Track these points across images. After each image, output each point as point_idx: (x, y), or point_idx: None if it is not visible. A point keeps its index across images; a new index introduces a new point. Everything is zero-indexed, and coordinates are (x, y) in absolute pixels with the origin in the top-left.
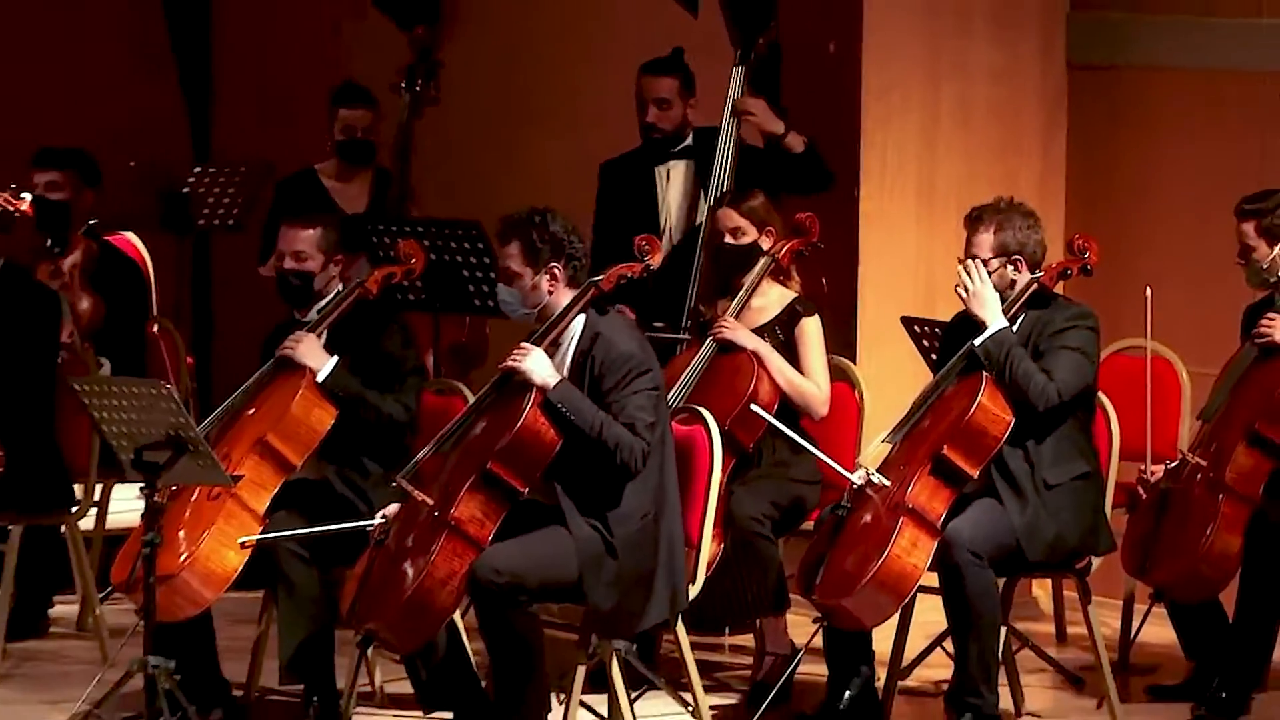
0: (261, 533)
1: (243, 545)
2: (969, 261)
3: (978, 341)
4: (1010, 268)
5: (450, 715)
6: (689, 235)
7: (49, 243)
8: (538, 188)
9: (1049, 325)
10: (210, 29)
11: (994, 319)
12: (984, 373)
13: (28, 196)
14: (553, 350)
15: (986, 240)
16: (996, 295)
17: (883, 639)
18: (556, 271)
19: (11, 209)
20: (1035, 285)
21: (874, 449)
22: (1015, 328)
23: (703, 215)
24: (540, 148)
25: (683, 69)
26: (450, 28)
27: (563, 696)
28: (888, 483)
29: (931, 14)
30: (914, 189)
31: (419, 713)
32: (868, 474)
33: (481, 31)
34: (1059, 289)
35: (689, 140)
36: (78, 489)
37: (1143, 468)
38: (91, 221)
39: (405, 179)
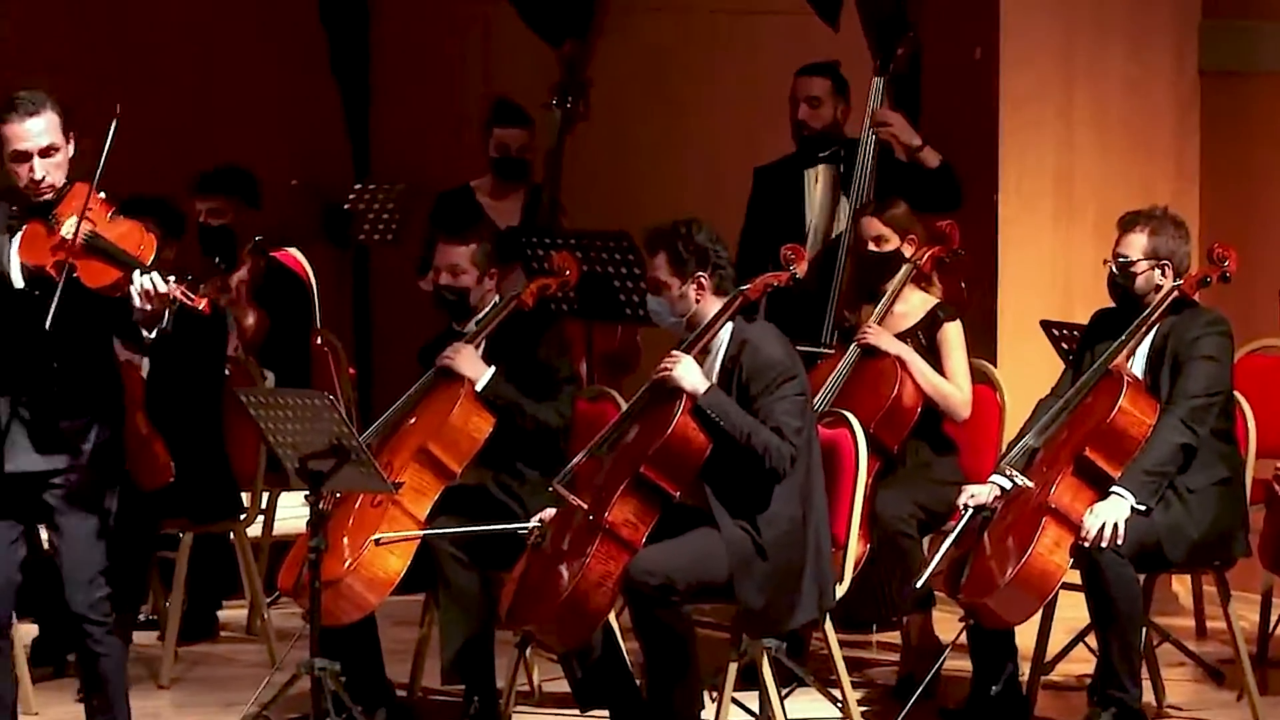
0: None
1: (378, 543)
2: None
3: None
4: (1158, 272)
5: (606, 713)
6: (831, 242)
7: (217, 261)
8: (683, 200)
9: (1187, 332)
10: (369, 49)
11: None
12: (1125, 375)
13: (205, 292)
14: (702, 358)
15: (1139, 241)
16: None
17: (1026, 635)
18: (703, 280)
19: (189, 304)
20: (1176, 293)
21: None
22: (1153, 334)
23: (844, 222)
24: (686, 161)
25: (836, 73)
26: (598, 44)
27: (715, 694)
28: (1031, 484)
29: (1068, 23)
30: (1051, 195)
31: (576, 711)
32: (1012, 475)
33: (629, 48)
34: (1196, 297)
35: (838, 146)
36: (245, 497)
37: (1279, 465)
38: (258, 238)
39: (556, 193)
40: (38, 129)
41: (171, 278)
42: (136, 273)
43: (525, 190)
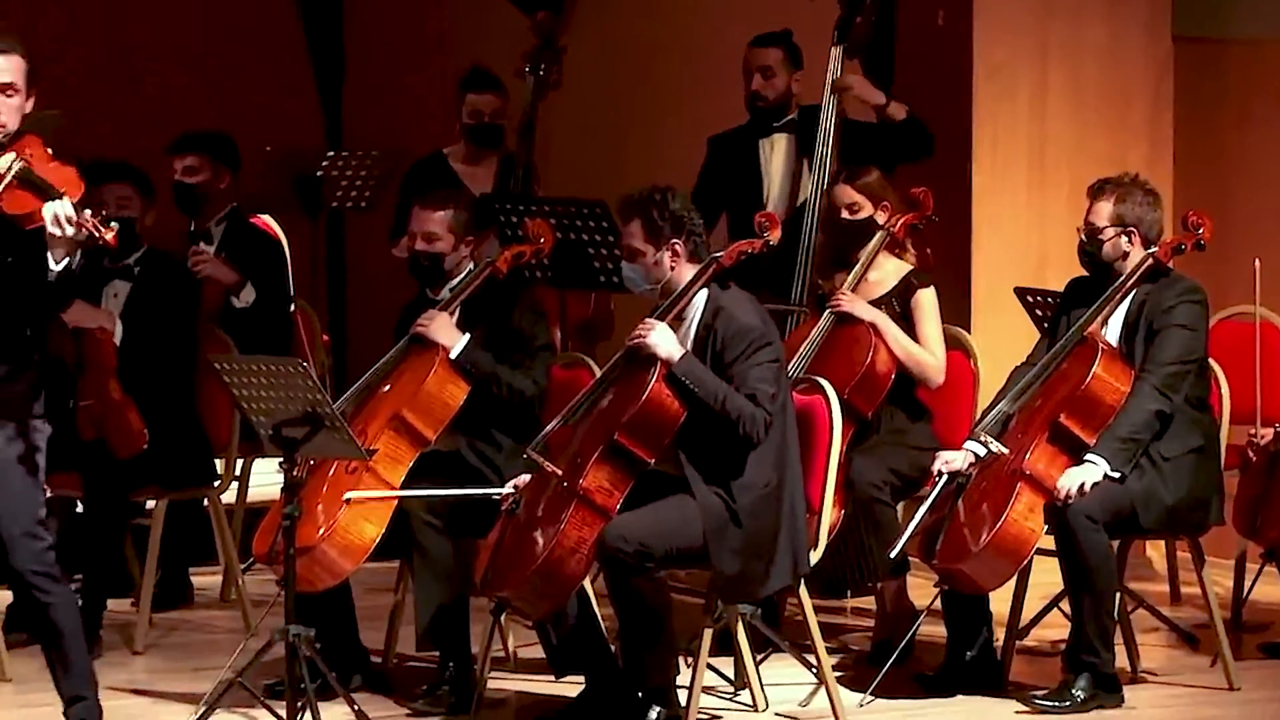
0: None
1: (348, 502)
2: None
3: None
4: (1124, 239)
5: (581, 679)
6: (795, 210)
7: (191, 226)
8: (658, 167)
9: (1161, 300)
10: (342, 16)
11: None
12: (1099, 343)
13: (115, 226)
14: (676, 324)
15: (1105, 209)
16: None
17: (1001, 600)
18: (678, 248)
19: (97, 236)
20: (1151, 261)
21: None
22: (1128, 302)
23: (806, 190)
24: (660, 129)
25: (788, 42)
26: (572, 12)
27: (690, 660)
28: (1005, 450)
29: None
30: (1025, 162)
31: (551, 677)
32: (986, 441)
33: (602, 15)
34: (1171, 264)
35: (793, 114)
36: (219, 464)
37: (1253, 431)
38: (233, 205)
39: (530, 161)
40: (2, 65)
41: (87, 211)
42: (53, 200)
43: (498, 157)
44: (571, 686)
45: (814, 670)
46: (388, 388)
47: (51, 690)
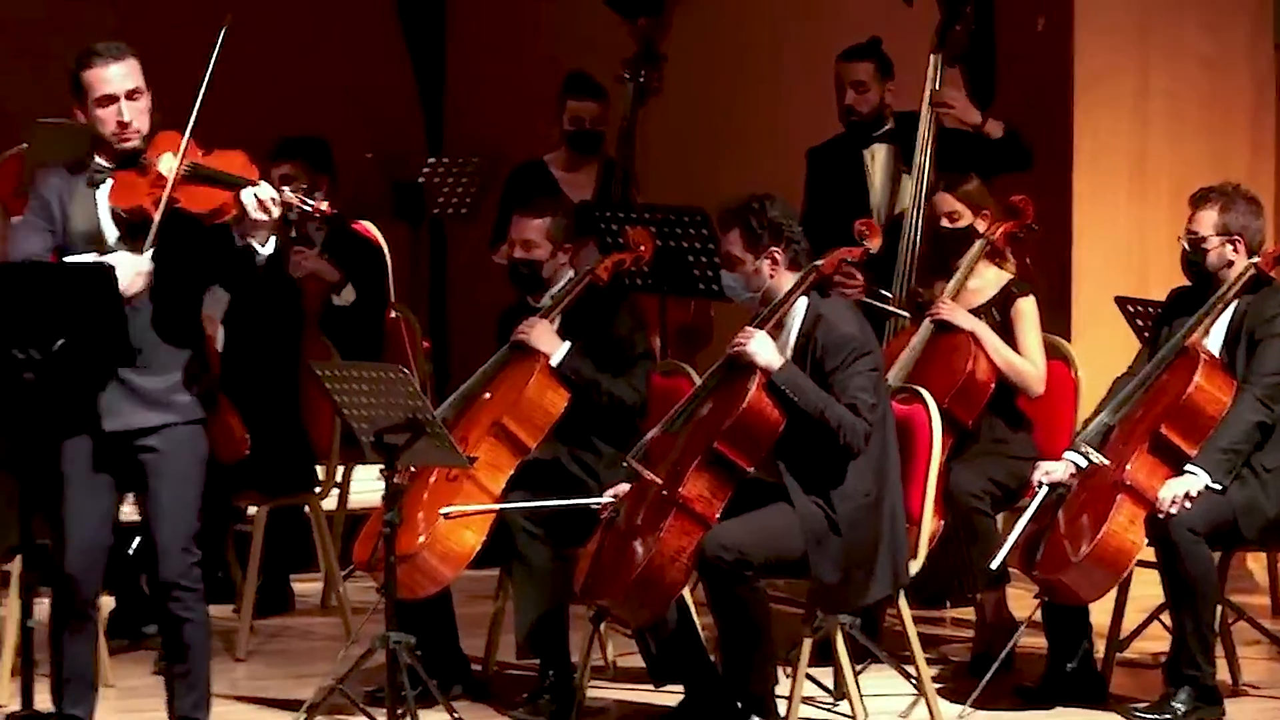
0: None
1: (446, 517)
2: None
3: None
4: (1229, 248)
5: (681, 688)
6: (894, 218)
7: (292, 232)
8: (755, 174)
9: (1263, 310)
10: (444, 23)
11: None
12: (1201, 353)
13: (320, 194)
14: (776, 333)
15: (1209, 217)
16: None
17: (1101, 612)
18: (777, 256)
19: (310, 208)
20: (1253, 270)
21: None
22: (1230, 312)
23: (907, 198)
24: (761, 136)
25: (878, 54)
26: (672, 19)
27: (789, 669)
28: (1106, 461)
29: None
30: (1125, 170)
31: (650, 686)
32: (1087, 452)
33: (703, 22)
34: (1274, 274)
35: (890, 124)
36: (320, 471)
37: None
38: (334, 211)
39: (630, 167)
40: (123, 72)
41: (286, 188)
42: (247, 187)
43: (599, 164)
44: (671, 695)
45: (913, 681)
46: (488, 395)
47: (154, 698)
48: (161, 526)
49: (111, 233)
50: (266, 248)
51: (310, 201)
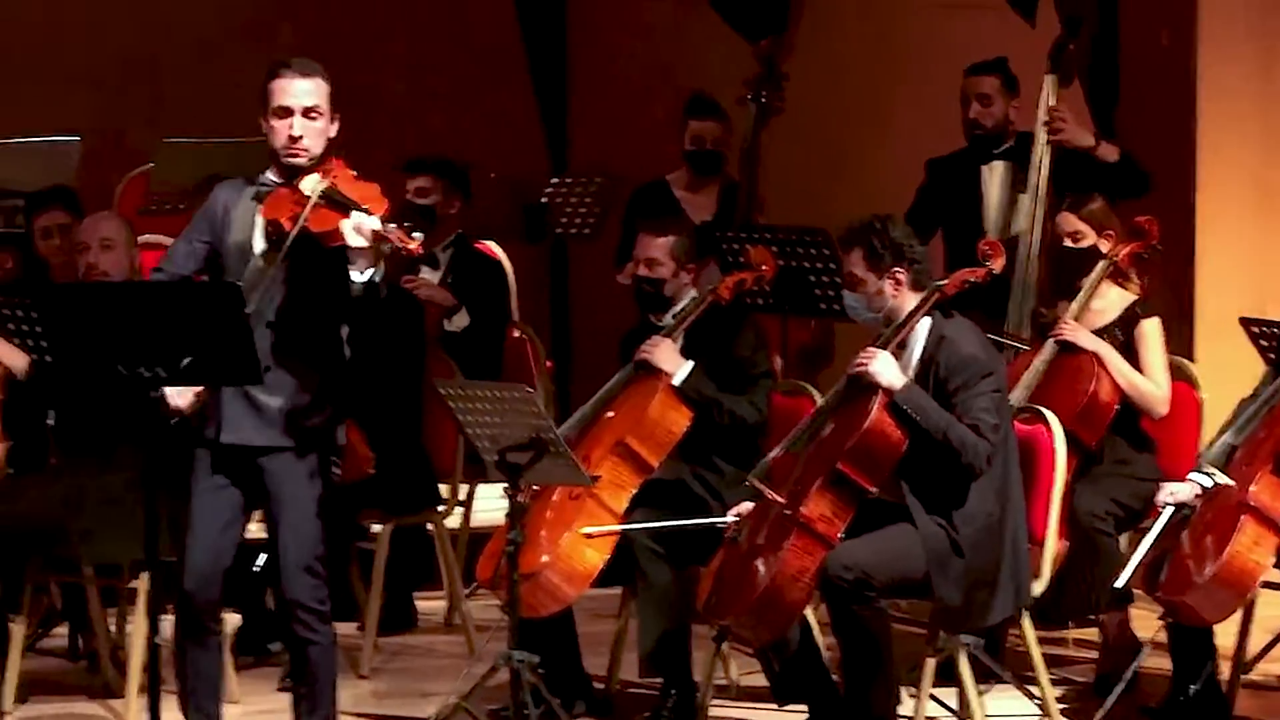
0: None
1: (588, 536)
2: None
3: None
4: None
5: (803, 707)
6: (1010, 239)
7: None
8: (877, 194)
9: None
10: (565, 44)
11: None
12: None
13: (419, 237)
14: (899, 353)
15: None
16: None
17: (1226, 633)
18: (899, 276)
19: (400, 245)
20: None
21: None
22: None
23: (1022, 218)
24: (882, 156)
25: (1004, 69)
26: (794, 39)
27: (912, 690)
28: (1230, 482)
29: (1265, 12)
30: (1250, 188)
31: (773, 705)
32: (1211, 473)
33: (825, 42)
34: None
35: (1011, 141)
36: (443, 489)
37: None
38: (460, 231)
39: (752, 188)
40: (306, 88)
41: (391, 224)
42: (354, 212)
43: (720, 184)
44: (793, 715)
45: (1037, 702)
46: (611, 414)
47: (280, 714)
48: (283, 547)
49: (259, 245)
50: (360, 275)
51: (405, 240)
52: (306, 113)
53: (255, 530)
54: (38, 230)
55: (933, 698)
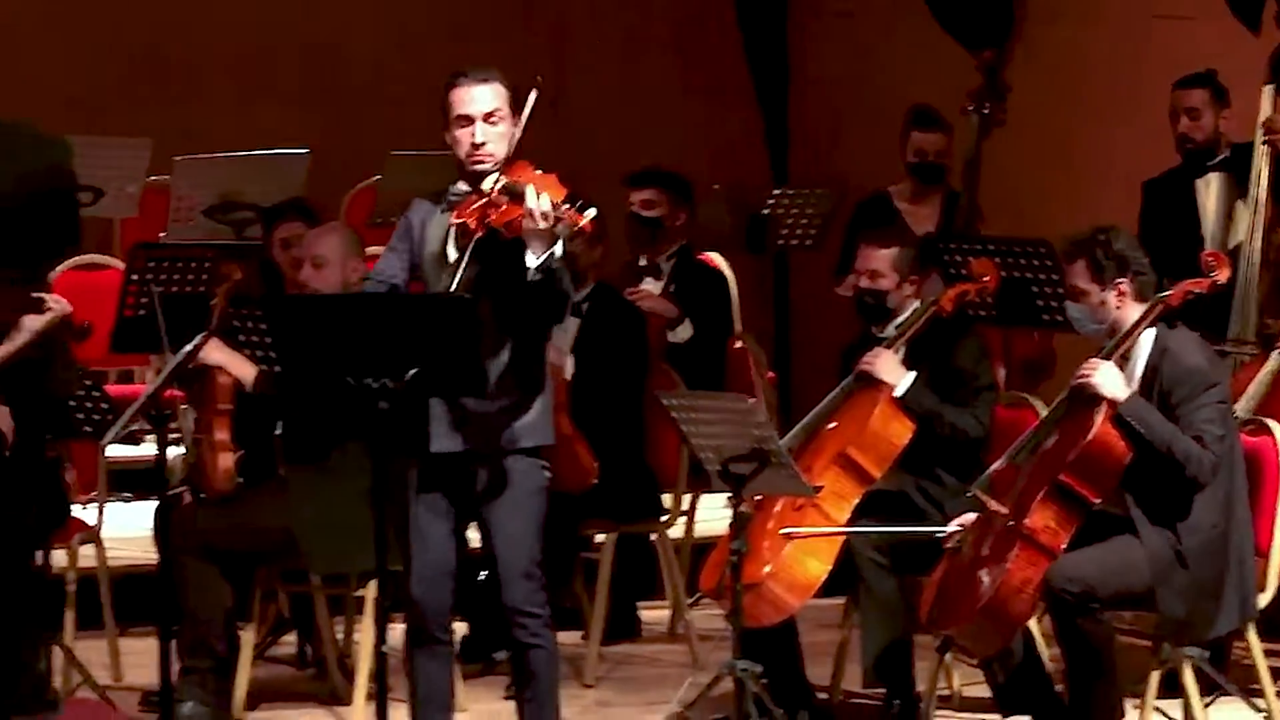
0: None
1: (788, 536)
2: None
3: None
4: None
5: (1027, 719)
6: (1230, 250)
7: (640, 261)
8: (1102, 206)
9: None
10: (787, 55)
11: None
12: None
13: (592, 212)
14: (1122, 364)
15: None
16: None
17: None
18: (1123, 287)
19: (574, 224)
20: None
21: None
22: None
23: (1242, 229)
24: (1104, 167)
25: (1213, 82)
26: (1017, 50)
27: (1136, 702)
28: None
29: None
30: None
31: (996, 716)
32: None
33: (1048, 54)
34: None
35: (1226, 153)
36: (667, 499)
37: None
38: (684, 242)
39: (974, 199)
40: (484, 94)
41: (565, 204)
42: (530, 191)
43: (942, 196)
44: None
45: (1263, 715)
46: (833, 425)
47: None
48: (500, 554)
49: (453, 254)
50: (536, 259)
51: (576, 217)
52: (487, 118)
53: (476, 539)
54: (276, 241)
55: (1157, 710)
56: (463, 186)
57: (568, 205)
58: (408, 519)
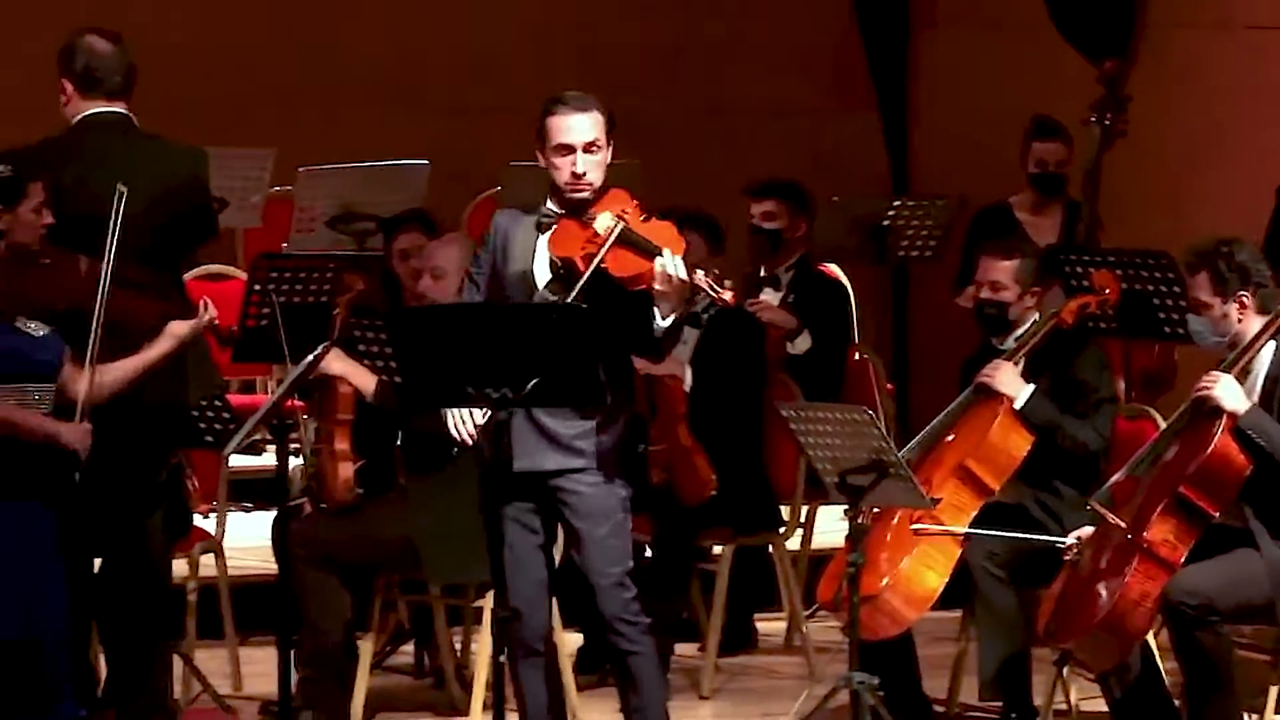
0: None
1: (917, 533)
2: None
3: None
4: None
5: None
6: None
7: (761, 271)
8: (1223, 218)
9: None
10: (908, 66)
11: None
12: None
13: (730, 285)
14: (1242, 377)
15: None
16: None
17: None
18: (1245, 300)
19: (714, 294)
20: None
21: None
22: None
23: None
24: (1226, 179)
25: None
26: (1138, 60)
27: (1255, 716)
28: None
29: None
30: None
31: None
32: None
33: (1170, 64)
34: None
35: None
36: (784, 510)
37: None
38: (803, 253)
39: (1095, 211)
40: (584, 123)
41: (699, 270)
42: (662, 255)
43: (1063, 207)
44: None
45: None
46: (952, 437)
47: None
48: (590, 566)
49: (542, 277)
50: (664, 321)
51: (716, 288)
52: (587, 148)
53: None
54: (395, 252)
55: None
56: (554, 207)
57: (704, 273)
58: (501, 537)
